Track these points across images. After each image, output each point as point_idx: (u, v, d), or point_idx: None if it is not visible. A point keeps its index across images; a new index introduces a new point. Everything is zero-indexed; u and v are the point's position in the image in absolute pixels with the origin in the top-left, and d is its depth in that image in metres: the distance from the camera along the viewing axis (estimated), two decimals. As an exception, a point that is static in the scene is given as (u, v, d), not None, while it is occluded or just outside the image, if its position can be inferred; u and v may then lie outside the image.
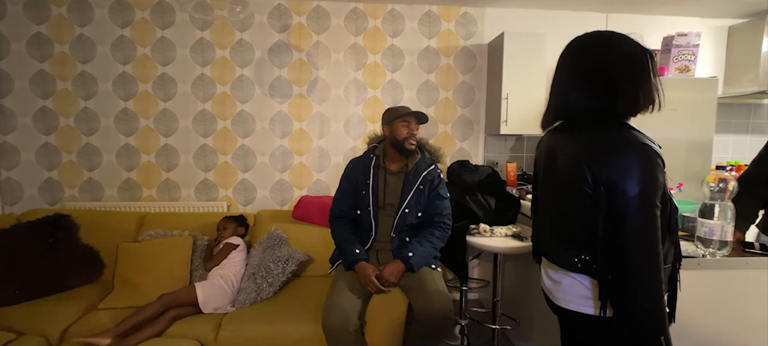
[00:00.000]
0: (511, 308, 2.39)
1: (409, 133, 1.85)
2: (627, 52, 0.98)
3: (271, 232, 2.34)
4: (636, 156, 0.91)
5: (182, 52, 2.65)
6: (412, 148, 1.86)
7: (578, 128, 1.04)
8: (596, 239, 0.97)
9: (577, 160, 0.99)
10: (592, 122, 1.00)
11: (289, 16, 2.69)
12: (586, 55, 1.01)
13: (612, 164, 0.92)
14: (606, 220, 0.95)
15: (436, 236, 1.86)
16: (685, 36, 2.45)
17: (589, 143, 0.99)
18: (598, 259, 0.99)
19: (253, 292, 2.02)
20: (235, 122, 2.74)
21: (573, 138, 1.04)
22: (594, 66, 0.99)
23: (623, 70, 0.97)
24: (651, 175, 0.91)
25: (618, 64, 0.97)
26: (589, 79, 0.99)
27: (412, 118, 1.86)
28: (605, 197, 0.93)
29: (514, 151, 2.92)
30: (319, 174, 2.83)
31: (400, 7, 2.75)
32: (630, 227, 0.91)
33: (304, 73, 2.74)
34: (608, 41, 1.00)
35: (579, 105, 1.01)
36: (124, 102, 2.65)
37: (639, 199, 0.90)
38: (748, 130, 3.06)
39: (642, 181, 0.90)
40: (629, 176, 0.90)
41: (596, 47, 1.01)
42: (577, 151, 1.00)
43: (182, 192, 2.76)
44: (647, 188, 0.90)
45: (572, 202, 1.01)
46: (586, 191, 0.96)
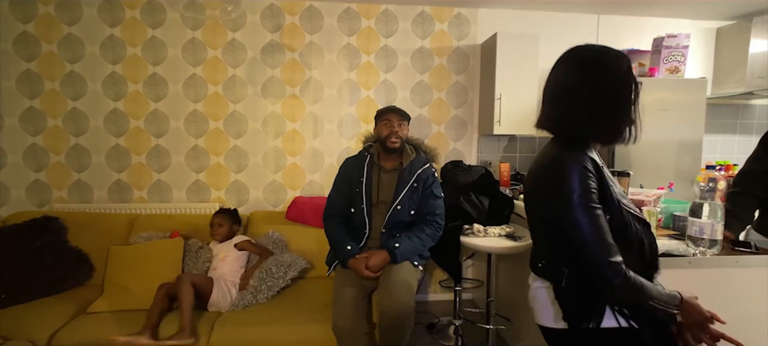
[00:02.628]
0: (505, 307, 2.40)
1: (389, 131, 1.87)
2: (613, 78, 0.97)
3: (270, 234, 2.33)
4: (565, 165, 0.96)
5: (173, 51, 2.62)
6: (394, 146, 1.87)
7: (549, 143, 1.10)
8: (547, 246, 1.07)
9: (533, 174, 1.10)
10: (557, 139, 1.06)
11: (281, 16, 2.68)
12: (572, 73, 1.01)
13: (542, 182, 1.03)
14: (553, 228, 1.02)
15: (426, 233, 1.86)
16: (675, 37, 2.48)
17: (542, 158, 1.07)
18: (552, 261, 1.06)
19: (249, 294, 2.00)
20: (228, 123, 2.71)
21: (541, 153, 1.11)
22: (575, 87, 0.99)
23: (605, 97, 0.97)
24: (563, 180, 0.95)
25: (601, 90, 0.97)
26: (569, 100, 1.00)
27: (393, 117, 1.88)
28: (545, 212, 1.03)
29: (507, 151, 2.93)
30: (313, 175, 2.82)
31: (393, 8, 2.75)
32: (571, 236, 0.95)
33: (297, 74, 2.72)
34: (597, 63, 0.99)
35: (554, 119, 1.05)
36: (114, 102, 2.61)
37: (557, 204, 0.96)
38: (736, 131, 3.11)
39: (556, 188, 0.96)
40: (549, 186, 0.99)
41: (583, 67, 1.00)
42: (535, 166, 1.10)
43: (174, 193, 2.73)
44: (563, 193, 0.95)
45: (531, 211, 1.13)
46: (536, 204, 1.08)
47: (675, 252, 1.34)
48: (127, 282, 2.01)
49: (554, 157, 1.00)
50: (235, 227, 2.32)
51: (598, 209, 0.95)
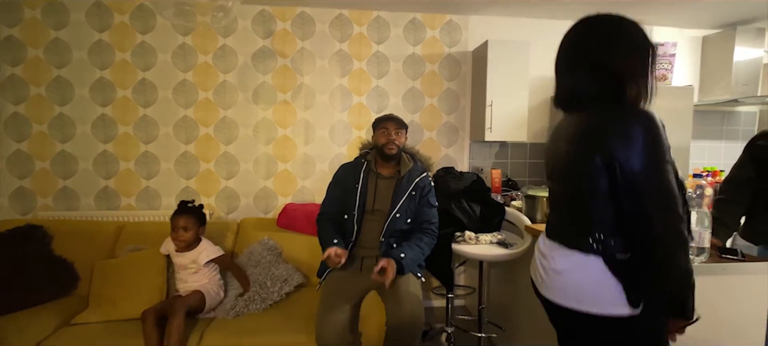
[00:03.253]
0: (496, 315, 2.40)
1: (386, 139, 1.87)
2: (634, 41, 0.99)
3: (264, 241, 2.26)
4: (635, 122, 0.92)
5: (163, 57, 2.59)
6: (391, 153, 1.87)
7: (580, 111, 1.05)
8: (610, 215, 0.97)
9: (580, 141, 1.01)
10: (594, 104, 1.01)
11: (273, 22, 2.67)
12: (594, 40, 1.02)
13: (614, 136, 0.93)
14: (618, 193, 0.94)
15: (425, 242, 1.86)
16: (663, 46, 2.52)
17: (590, 123, 1.00)
18: (612, 235, 0.97)
19: (242, 302, 1.97)
20: (218, 129, 2.68)
21: (575, 122, 1.05)
22: (600, 53, 1.00)
23: (627, 62, 0.98)
24: (654, 135, 0.91)
25: (623, 54, 0.98)
26: (594, 66, 1.00)
27: (390, 125, 1.88)
28: (612, 170, 0.93)
29: (499, 157, 2.94)
30: (304, 181, 2.80)
31: (385, 15, 2.76)
32: (648, 194, 0.91)
33: (288, 80, 2.71)
34: (617, 27, 1.00)
35: (583, 89, 1.02)
36: (102, 108, 2.57)
37: (649, 162, 0.90)
38: (722, 137, 3.16)
39: (647, 144, 0.90)
40: (633, 143, 0.91)
41: (605, 33, 1.01)
42: (579, 132, 1.02)
43: (163, 200, 2.69)
44: (655, 150, 0.91)
45: (583, 181, 1.00)
46: (595, 169, 0.96)
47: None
48: (113, 295, 1.96)
49: (624, 119, 0.93)
50: (202, 229, 2.06)
51: (671, 164, 0.93)
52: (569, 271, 1.04)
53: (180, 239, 1.97)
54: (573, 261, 1.03)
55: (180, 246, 1.99)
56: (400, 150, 1.91)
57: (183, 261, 2.00)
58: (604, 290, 0.98)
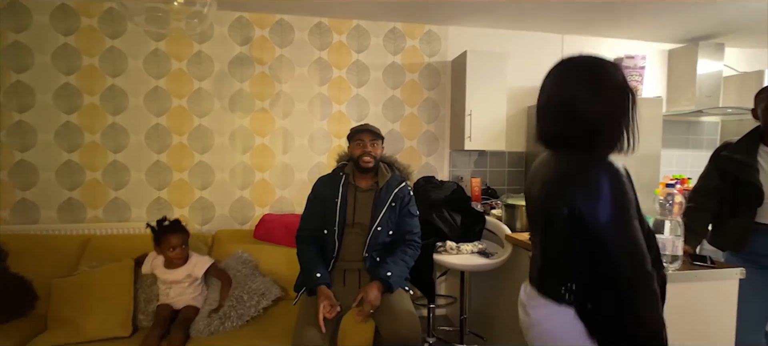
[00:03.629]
0: (478, 324, 2.40)
1: (362, 151, 1.83)
2: (609, 86, 0.97)
3: (238, 255, 2.19)
4: (598, 174, 0.91)
5: (134, 63, 2.49)
6: (367, 165, 1.82)
7: (555, 156, 1.05)
8: (579, 266, 0.96)
9: (549, 187, 1.01)
10: (566, 150, 1.01)
11: (251, 29, 2.62)
12: (569, 85, 0.99)
13: (579, 187, 0.92)
14: (586, 245, 0.93)
15: (409, 255, 1.83)
16: (633, 58, 2.61)
17: (559, 170, 0.99)
18: (583, 286, 0.96)
19: (217, 319, 1.89)
20: (192, 137, 2.59)
21: (548, 166, 1.05)
22: (573, 98, 0.97)
23: (601, 108, 0.96)
24: (617, 188, 0.90)
25: (597, 100, 0.96)
26: (567, 111, 0.98)
27: (365, 136, 1.83)
28: (580, 221, 0.92)
29: (478, 166, 2.97)
30: (283, 191, 2.74)
31: (365, 23, 2.75)
32: (613, 247, 0.90)
33: (266, 87, 2.66)
34: (592, 72, 0.98)
35: (556, 134, 1.01)
36: (67, 115, 2.44)
37: (613, 216, 0.89)
38: (688, 145, 3.31)
39: (611, 197, 0.89)
40: (597, 196, 0.90)
41: (579, 78, 0.98)
42: (549, 178, 1.02)
43: (132, 212, 2.57)
44: (619, 203, 0.90)
45: (552, 231, 1.01)
46: (562, 218, 0.95)
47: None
48: (73, 316, 1.82)
49: (588, 171, 0.93)
50: (187, 241, 2.04)
51: (637, 219, 0.92)
52: (547, 325, 1.03)
53: (175, 257, 1.96)
54: (547, 311, 1.03)
55: (178, 263, 1.98)
56: (377, 161, 1.87)
57: (177, 276, 1.97)
58: (574, 340, 0.98)
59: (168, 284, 1.98)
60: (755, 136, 1.64)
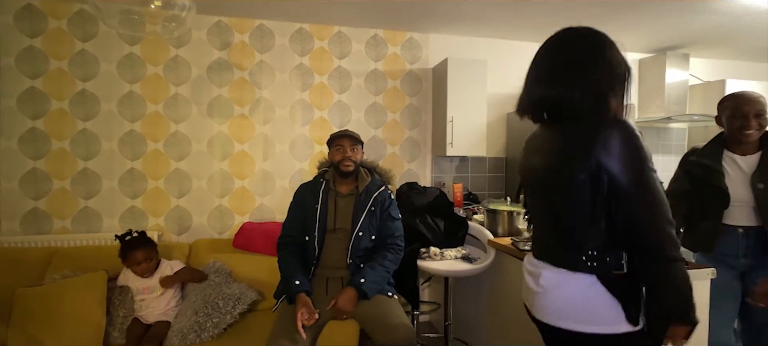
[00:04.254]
0: (462, 330, 2.40)
1: (342, 156, 1.82)
2: (615, 57, 0.99)
3: (210, 264, 2.15)
4: (618, 133, 0.92)
5: (107, 67, 2.40)
6: (348, 169, 1.82)
7: (557, 124, 1.04)
8: (601, 230, 0.95)
9: (561, 155, 1.00)
10: (575, 117, 0.99)
11: (230, 34, 2.57)
12: (581, 52, 1.00)
13: (600, 149, 0.91)
14: (608, 208, 0.93)
15: (389, 259, 1.81)
16: (606, 67, 2.70)
17: (572, 136, 0.99)
18: (606, 251, 0.95)
19: (192, 332, 1.82)
20: (169, 144, 2.51)
21: (554, 135, 1.04)
22: (587, 65, 0.98)
23: (611, 77, 0.97)
24: (636, 145, 0.91)
25: (607, 69, 0.97)
26: (580, 78, 0.97)
27: (345, 142, 1.83)
28: (602, 184, 0.92)
29: (460, 171, 3.00)
30: (263, 198, 2.68)
31: (346, 30, 2.75)
32: (639, 203, 0.90)
33: (246, 93, 2.61)
34: (601, 42, 1.00)
35: (568, 102, 0.98)
36: (33, 121, 2.32)
37: (636, 171, 0.90)
38: (658, 151, 3.44)
39: (632, 155, 0.91)
40: (619, 154, 0.90)
41: (591, 47, 1.00)
42: (560, 146, 1.01)
43: (104, 222, 2.45)
44: (640, 159, 0.91)
45: (568, 199, 0.98)
46: (580, 183, 0.94)
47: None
48: (38, 333, 1.71)
49: (609, 131, 0.92)
50: (156, 253, 2.02)
51: (656, 172, 0.93)
52: (563, 291, 1.00)
53: (144, 271, 1.94)
54: (566, 280, 1.00)
55: (146, 276, 1.96)
56: (357, 166, 1.86)
57: (151, 283, 1.95)
58: (601, 308, 0.96)
59: (142, 294, 1.93)
60: (719, 141, 1.72)
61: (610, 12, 2.45)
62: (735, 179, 1.63)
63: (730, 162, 1.66)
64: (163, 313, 1.94)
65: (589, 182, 0.93)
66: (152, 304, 1.93)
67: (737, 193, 1.62)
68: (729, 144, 1.68)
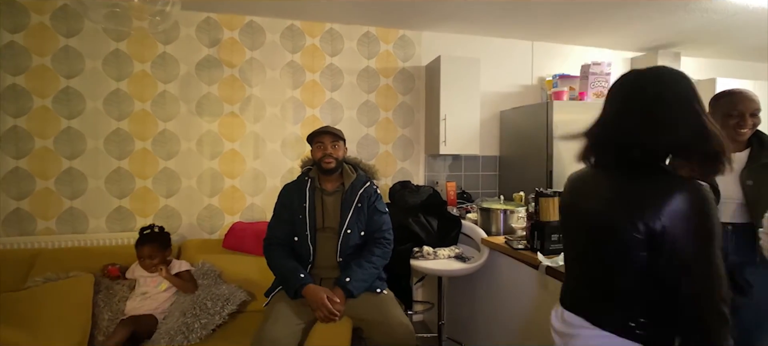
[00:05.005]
0: (455, 329, 2.39)
1: (322, 153, 1.79)
2: (700, 100, 0.88)
3: (199, 265, 2.12)
4: (690, 196, 0.83)
5: (93, 63, 2.34)
6: (329, 166, 1.78)
7: (611, 171, 0.96)
8: (651, 298, 0.87)
9: (622, 206, 0.90)
10: (629, 166, 0.91)
11: (219, 31, 2.52)
12: (671, 98, 0.88)
13: (669, 208, 0.82)
14: (663, 271, 0.85)
15: (376, 255, 1.78)
16: (599, 65, 2.70)
17: (631, 189, 0.90)
18: (657, 322, 0.86)
19: (180, 334, 1.78)
20: (157, 143, 2.46)
21: (614, 182, 0.95)
22: (675, 113, 0.87)
23: (701, 121, 0.87)
24: (709, 214, 0.83)
25: (696, 112, 0.87)
26: (668, 127, 0.87)
27: (325, 139, 1.80)
28: (660, 244, 0.83)
29: (453, 170, 2.98)
30: (254, 198, 2.64)
31: (338, 27, 2.72)
32: (697, 274, 0.82)
33: (236, 91, 2.56)
34: (689, 87, 0.89)
35: (637, 147, 0.89)
36: (14, 119, 2.26)
37: (703, 241, 0.82)
38: (650, 149, 3.46)
39: (703, 223, 0.82)
40: (689, 219, 0.82)
41: (682, 93, 0.89)
42: (618, 194, 0.92)
43: (90, 223, 2.40)
44: (710, 229, 0.82)
45: (619, 256, 0.90)
46: (635, 242, 0.85)
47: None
48: (19, 339, 1.65)
49: (682, 188, 0.83)
50: (168, 252, 2.07)
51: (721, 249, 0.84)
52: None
53: (149, 266, 1.97)
54: (603, 342, 0.90)
55: (152, 269, 1.98)
56: (339, 162, 1.83)
57: (157, 279, 1.98)
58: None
59: (145, 287, 1.96)
60: None
61: (602, 10, 2.45)
62: (725, 176, 1.63)
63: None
64: (155, 310, 1.92)
65: (647, 240, 0.84)
66: (151, 300, 1.92)
67: (727, 190, 1.62)
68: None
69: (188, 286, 1.99)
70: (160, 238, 2.05)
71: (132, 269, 2.03)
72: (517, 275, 1.77)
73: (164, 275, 1.96)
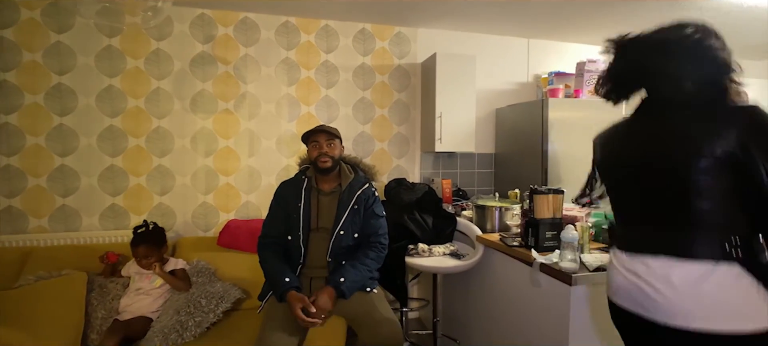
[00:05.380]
0: (451, 327, 2.39)
1: (318, 152, 1.76)
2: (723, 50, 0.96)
3: (194, 263, 2.11)
4: (756, 112, 0.89)
5: (85, 60, 2.32)
6: (325, 165, 1.76)
7: (663, 110, 1.00)
8: (742, 217, 0.89)
9: (688, 136, 0.93)
10: (683, 99, 0.97)
11: (213, 27, 2.50)
12: (715, 40, 0.96)
13: (747, 125, 0.88)
14: (748, 188, 0.87)
15: (371, 258, 1.77)
16: (594, 62, 2.70)
17: (702, 115, 0.94)
18: (750, 238, 0.88)
19: (174, 332, 1.77)
20: (151, 140, 2.44)
21: (662, 119, 0.99)
22: (722, 53, 0.95)
23: (729, 61, 0.95)
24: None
25: (726, 52, 0.95)
26: (720, 66, 0.95)
27: (320, 137, 1.77)
28: (742, 163, 0.86)
29: (448, 167, 2.98)
30: (249, 196, 2.63)
31: (333, 24, 2.70)
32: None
33: (231, 87, 2.55)
34: (708, 26, 0.97)
35: (706, 88, 0.95)
36: (5, 116, 2.23)
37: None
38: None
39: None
40: (758, 132, 0.87)
41: (718, 36, 0.97)
42: (683, 128, 0.95)
43: (83, 220, 2.38)
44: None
45: (697, 184, 0.90)
46: (714, 167, 0.88)
47: (602, 265, 1.41)
48: (11, 336, 1.64)
49: (751, 108, 0.90)
50: (163, 249, 2.06)
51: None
52: (706, 286, 0.89)
53: (144, 266, 1.96)
54: (707, 274, 0.89)
55: (148, 267, 1.97)
56: (336, 162, 1.80)
57: (152, 276, 1.96)
58: (748, 303, 0.87)
59: (140, 283, 1.95)
60: None
61: (598, 8, 2.45)
62: None
63: None
64: (148, 308, 1.91)
65: (726, 164, 0.88)
66: (145, 296, 1.91)
67: None
68: None
69: (182, 284, 1.98)
70: (154, 236, 2.04)
71: (127, 267, 2.02)
72: (511, 272, 1.77)
73: (158, 272, 1.96)
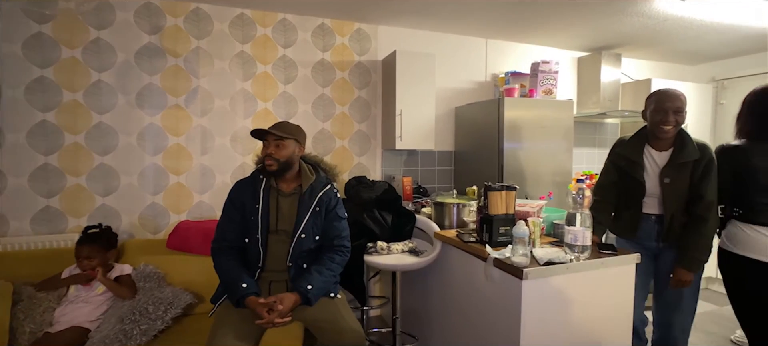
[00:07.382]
0: (410, 323, 2.40)
1: (265, 153, 1.67)
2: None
3: (141, 269, 1.99)
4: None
5: (11, 48, 2.11)
6: (270, 169, 1.66)
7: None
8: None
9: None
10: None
11: (161, 17, 2.36)
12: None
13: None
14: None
15: (337, 262, 1.72)
16: (548, 63, 2.81)
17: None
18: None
19: (117, 341, 1.65)
20: (91, 137, 2.27)
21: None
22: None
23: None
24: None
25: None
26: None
27: (268, 137, 1.67)
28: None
29: (409, 165, 3.00)
30: (202, 196, 2.50)
31: (291, 17, 2.63)
32: None
33: (181, 82, 2.41)
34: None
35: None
36: None
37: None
38: (595, 144, 3.67)
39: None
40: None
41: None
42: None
43: (11, 225, 2.16)
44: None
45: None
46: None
47: (556, 260, 1.46)
48: None
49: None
50: (111, 254, 1.97)
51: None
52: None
53: (86, 267, 1.86)
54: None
55: (86, 271, 1.87)
56: (284, 164, 1.68)
57: (92, 282, 1.86)
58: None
59: (80, 290, 1.84)
60: (643, 136, 1.83)
61: (551, 11, 2.54)
62: (650, 173, 1.77)
63: (648, 156, 1.79)
64: (87, 317, 1.78)
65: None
66: (84, 305, 1.80)
67: (650, 185, 1.75)
68: (650, 139, 1.80)
69: (126, 291, 1.85)
70: (102, 238, 1.95)
71: (68, 271, 1.90)
72: (468, 268, 1.80)
73: (100, 278, 1.82)
